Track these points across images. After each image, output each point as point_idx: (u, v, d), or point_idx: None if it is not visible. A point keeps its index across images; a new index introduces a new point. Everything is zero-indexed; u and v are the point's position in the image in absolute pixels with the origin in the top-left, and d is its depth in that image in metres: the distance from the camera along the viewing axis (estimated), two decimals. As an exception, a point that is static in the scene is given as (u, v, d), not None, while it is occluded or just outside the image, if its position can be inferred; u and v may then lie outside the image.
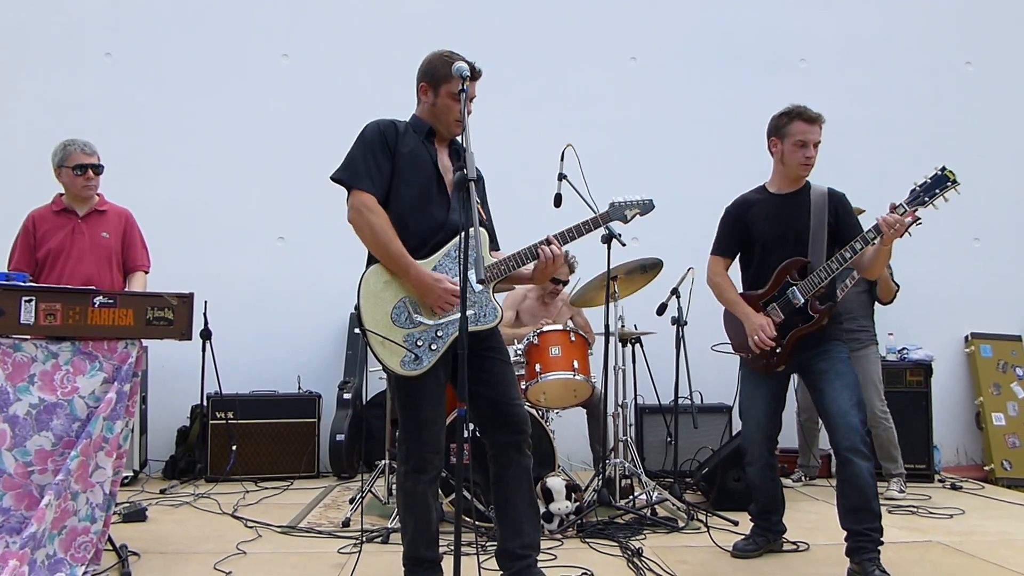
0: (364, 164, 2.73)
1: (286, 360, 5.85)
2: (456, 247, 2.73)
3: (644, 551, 3.55)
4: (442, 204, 2.77)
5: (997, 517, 4.48)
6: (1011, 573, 3.33)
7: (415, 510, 2.76)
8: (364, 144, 2.77)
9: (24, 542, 2.93)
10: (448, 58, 2.76)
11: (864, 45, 6.60)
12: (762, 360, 3.45)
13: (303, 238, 6.04)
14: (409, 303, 2.71)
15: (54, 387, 3.12)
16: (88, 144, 4.00)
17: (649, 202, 3.09)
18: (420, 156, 2.78)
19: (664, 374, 4.93)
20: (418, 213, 2.75)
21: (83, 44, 6.09)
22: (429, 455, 2.72)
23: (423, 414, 2.71)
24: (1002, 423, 6.01)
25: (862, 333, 4.98)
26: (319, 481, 5.38)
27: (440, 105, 2.79)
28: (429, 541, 2.80)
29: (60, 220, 4.04)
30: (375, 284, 2.72)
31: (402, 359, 2.66)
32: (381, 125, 2.80)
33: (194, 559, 3.44)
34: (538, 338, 4.40)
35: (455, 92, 2.71)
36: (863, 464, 3.16)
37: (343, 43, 6.26)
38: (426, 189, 2.76)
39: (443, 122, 2.82)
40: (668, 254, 4.79)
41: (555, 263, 2.78)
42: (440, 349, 2.69)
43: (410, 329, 2.69)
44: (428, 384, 2.70)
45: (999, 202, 6.43)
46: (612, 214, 3.00)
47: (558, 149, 4.12)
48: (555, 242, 2.80)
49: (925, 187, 3.13)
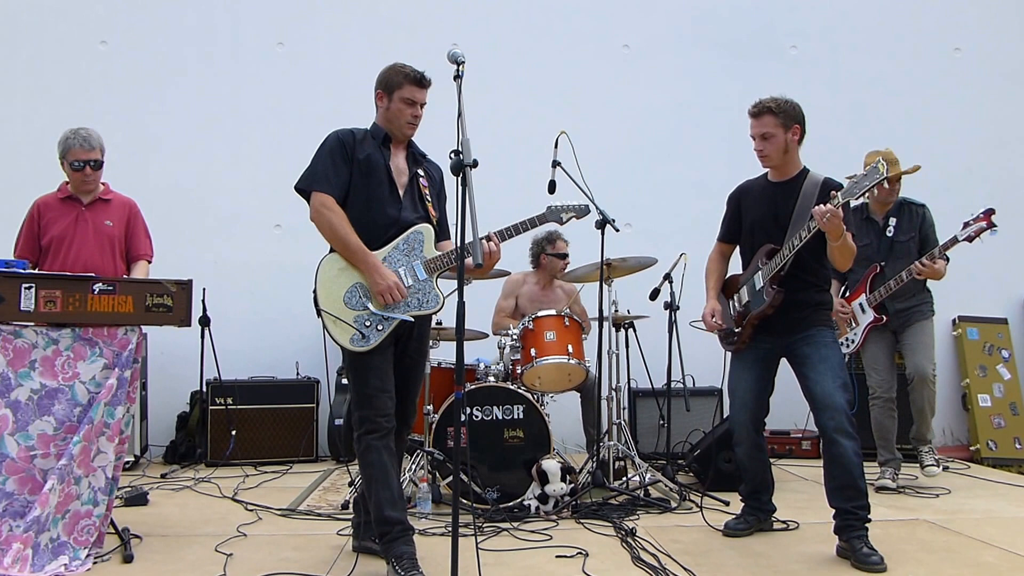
0: (323, 169, 3.08)
1: (284, 346, 5.88)
2: (404, 241, 3.10)
3: (637, 531, 3.61)
4: (394, 203, 3.11)
5: (982, 496, 4.56)
6: (996, 549, 3.41)
7: (373, 469, 2.97)
8: (324, 152, 3.11)
9: (28, 526, 2.98)
10: (401, 68, 3.13)
11: (854, 32, 6.63)
12: (725, 341, 3.69)
13: (300, 226, 6.03)
14: (360, 288, 3.03)
15: (55, 372, 3.17)
16: (89, 138, 3.92)
17: (585, 207, 3.46)
18: (375, 161, 3.10)
19: (657, 358, 4.99)
20: (372, 211, 3.07)
21: (78, 33, 6.08)
22: (378, 418, 2.97)
23: (371, 385, 2.99)
24: (988, 404, 6.11)
25: (922, 306, 4.59)
26: (318, 465, 5.44)
27: (393, 110, 3.13)
28: (392, 500, 2.94)
29: (65, 208, 4.05)
30: (331, 270, 3.05)
31: (351, 337, 2.97)
32: (340, 134, 3.13)
33: (195, 542, 3.49)
34: (533, 323, 4.45)
35: (406, 97, 3.10)
36: (848, 444, 3.23)
37: (339, 31, 6.26)
38: (379, 190, 3.09)
39: (396, 125, 3.15)
40: (660, 240, 4.86)
41: (491, 258, 3.06)
42: (386, 330, 3.00)
43: (360, 311, 3.00)
44: (375, 359, 3.00)
45: (986, 187, 6.48)
46: (548, 216, 3.35)
47: (550, 136, 4.16)
48: (495, 239, 3.09)
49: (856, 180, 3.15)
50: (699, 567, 3.11)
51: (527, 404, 4.21)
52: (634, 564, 3.18)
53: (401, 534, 2.91)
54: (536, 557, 3.28)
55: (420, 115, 3.16)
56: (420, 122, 3.19)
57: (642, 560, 3.20)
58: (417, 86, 3.11)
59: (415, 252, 3.09)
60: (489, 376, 4.41)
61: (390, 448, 3.00)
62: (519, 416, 4.19)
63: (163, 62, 6.12)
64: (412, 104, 3.12)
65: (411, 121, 3.15)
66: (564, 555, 3.28)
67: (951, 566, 3.17)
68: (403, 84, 3.10)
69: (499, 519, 3.81)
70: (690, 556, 3.26)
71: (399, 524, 2.92)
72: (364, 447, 2.98)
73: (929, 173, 6.29)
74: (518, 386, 4.31)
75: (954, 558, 3.29)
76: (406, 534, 2.93)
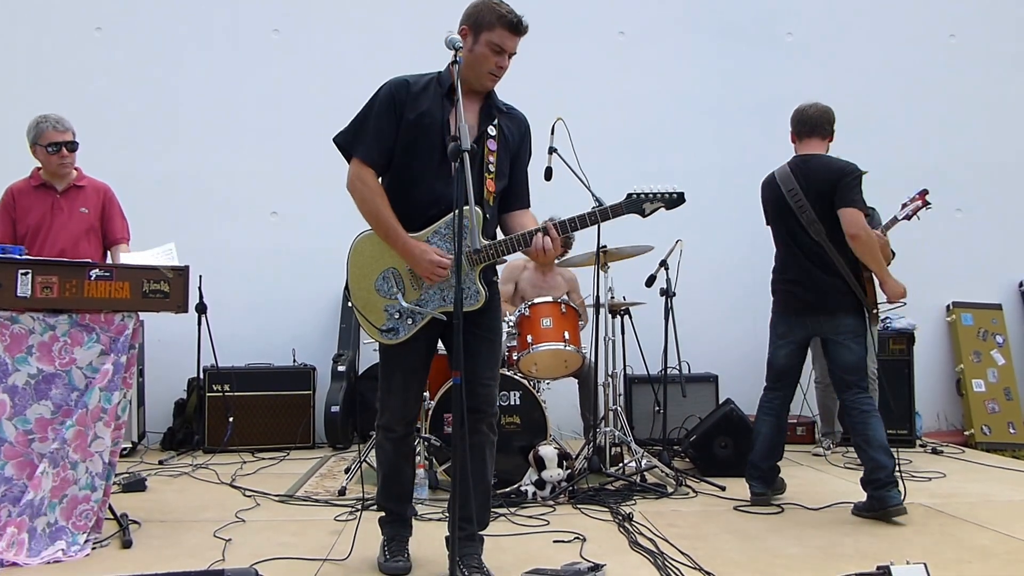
0: (366, 129, 2.71)
1: (281, 333, 5.89)
2: (447, 224, 2.67)
3: (634, 516, 3.63)
4: (442, 174, 2.65)
5: (977, 480, 4.59)
6: (991, 532, 3.44)
7: (383, 464, 2.98)
8: (372, 108, 2.72)
9: (22, 510, 2.98)
10: (497, 6, 2.65)
11: (850, 18, 6.62)
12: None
13: (296, 213, 6.05)
14: (393, 275, 2.75)
15: (52, 358, 3.16)
16: (61, 120, 3.91)
17: (679, 195, 2.71)
18: (429, 119, 2.68)
19: (653, 344, 5.01)
20: (415, 185, 2.71)
21: (73, 19, 6.03)
22: (394, 420, 2.86)
23: (395, 381, 2.84)
24: (982, 389, 6.15)
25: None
26: (315, 452, 5.44)
27: (477, 53, 2.65)
28: (397, 495, 2.97)
29: (39, 195, 4.01)
30: (363, 254, 2.79)
31: (380, 328, 2.76)
32: (393, 85, 2.72)
33: (194, 527, 3.49)
34: (529, 310, 4.45)
35: (495, 43, 2.62)
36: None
37: (334, 18, 6.22)
38: (427, 159, 2.69)
39: (475, 72, 2.67)
40: (656, 226, 4.82)
41: (546, 255, 2.65)
42: (418, 323, 2.74)
43: (390, 300, 2.75)
44: (404, 353, 2.79)
45: (981, 173, 6.51)
46: (626, 207, 2.67)
47: (546, 122, 4.14)
48: (552, 231, 2.64)
49: None
50: (696, 551, 3.12)
51: (524, 390, 4.22)
52: (631, 549, 3.20)
53: (398, 519, 2.99)
54: (534, 542, 3.30)
55: (506, 66, 2.67)
56: (504, 75, 2.71)
57: (639, 544, 3.22)
58: (512, 31, 2.63)
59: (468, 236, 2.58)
60: (486, 362, 4.41)
61: (402, 450, 2.93)
62: (516, 402, 4.20)
63: (159, 49, 6.08)
64: (500, 52, 2.63)
65: (494, 72, 2.67)
66: (562, 540, 3.29)
67: (947, 549, 3.20)
68: (495, 26, 2.61)
69: (496, 505, 3.83)
70: (687, 540, 3.28)
71: (397, 514, 2.99)
72: (380, 440, 2.95)
73: (924, 159, 6.35)
74: (515, 372, 4.32)
75: (949, 541, 3.31)
76: (402, 520, 2.99)
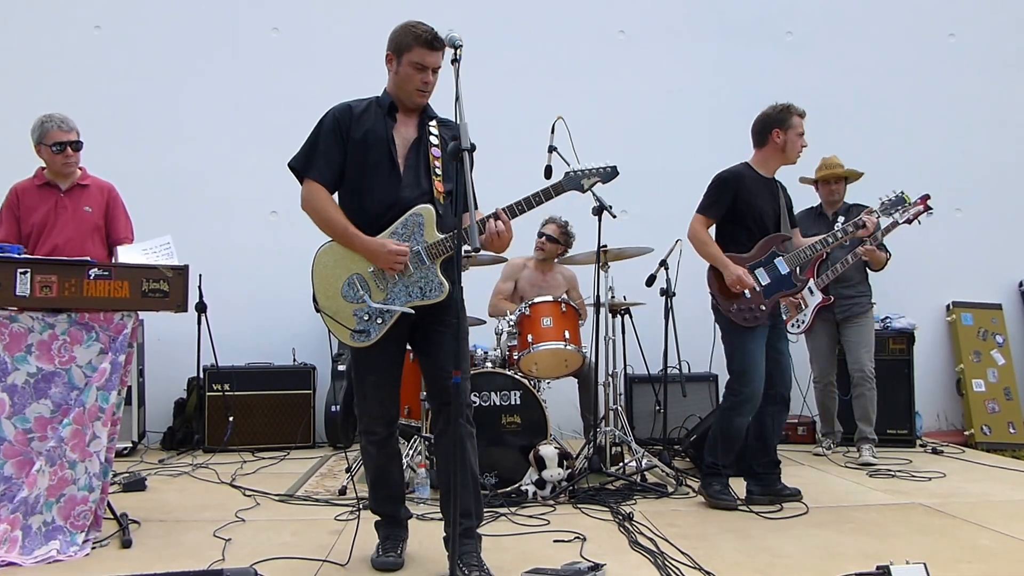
0: (316, 152, 2.88)
1: (281, 332, 5.88)
2: (402, 224, 2.84)
3: (634, 515, 3.63)
4: (392, 184, 2.84)
5: (977, 479, 4.59)
6: (991, 532, 3.43)
7: (370, 468, 3.03)
8: (319, 133, 2.90)
9: (15, 507, 2.98)
10: (413, 28, 2.79)
11: (849, 17, 6.61)
12: (746, 314, 3.76)
13: (296, 211, 5.99)
14: (358, 280, 2.85)
15: (51, 356, 3.16)
16: (66, 120, 3.93)
17: (612, 169, 2.93)
18: (374, 136, 2.85)
19: (653, 344, 5.01)
20: (368, 194, 2.85)
21: (72, 17, 6.02)
22: (373, 422, 2.94)
23: (368, 384, 2.91)
24: (982, 389, 6.14)
25: (862, 299, 5.19)
26: (315, 451, 5.44)
27: (402, 74, 2.82)
28: (387, 498, 3.04)
29: (43, 194, 4.02)
30: (326, 263, 2.90)
31: (351, 333, 2.84)
32: (336, 111, 2.90)
33: (194, 527, 3.49)
34: (530, 309, 4.45)
35: (415, 62, 2.78)
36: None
37: (334, 17, 6.22)
38: (376, 170, 2.85)
39: (405, 91, 2.85)
40: (656, 226, 4.85)
41: (500, 239, 2.77)
42: (388, 322, 2.82)
43: (358, 305, 2.84)
44: (374, 355, 2.86)
45: (980, 173, 6.50)
46: (566, 184, 2.89)
47: (546, 121, 4.14)
48: (503, 216, 2.78)
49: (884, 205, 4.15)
50: (696, 551, 3.12)
51: (524, 390, 4.22)
52: (632, 548, 3.20)
53: (391, 521, 3.05)
54: (534, 542, 3.30)
55: (432, 82, 2.82)
56: (433, 89, 2.83)
57: (639, 544, 3.22)
58: (428, 49, 2.76)
59: (415, 237, 2.82)
60: (486, 362, 4.42)
61: (387, 451, 2.98)
62: (516, 402, 4.20)
63: (158, 47, 6.07)
64: (422, 69, 2.78)
65: (421, 88, 2.82)
66: (562, 540, 3.29)
67: (947, 549, 3.19)
68: (412, 46, 2.76)
69: (497, 504, 3.83)
70: (687, 540, 3.28)
71: (390, 516, 3.05)
72: (363, 445, 3.01)
73: (923, 157, 6.34)
74: (515, 372, 4.32)
75: (949, 541, 3.31)
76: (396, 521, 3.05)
